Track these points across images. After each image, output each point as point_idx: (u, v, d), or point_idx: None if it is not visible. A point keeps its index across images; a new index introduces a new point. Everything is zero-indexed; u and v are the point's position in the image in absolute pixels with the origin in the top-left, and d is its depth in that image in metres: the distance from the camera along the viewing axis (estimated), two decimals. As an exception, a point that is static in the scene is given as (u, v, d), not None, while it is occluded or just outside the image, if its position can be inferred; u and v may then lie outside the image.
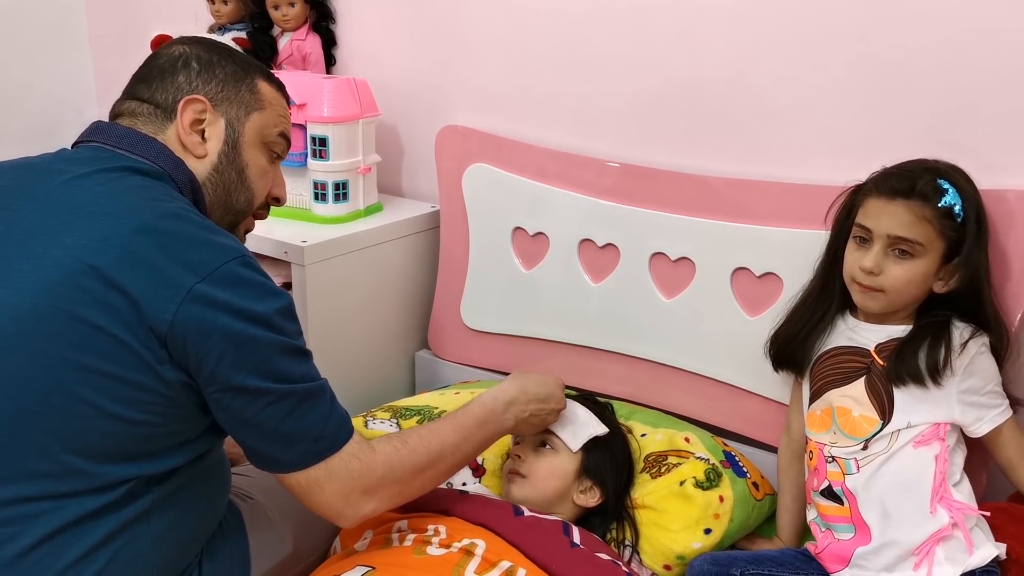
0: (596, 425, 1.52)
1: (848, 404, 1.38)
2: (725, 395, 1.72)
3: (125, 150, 1.15)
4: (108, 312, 1.01)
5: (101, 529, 1.05)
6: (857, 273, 1.35)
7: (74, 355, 1.01)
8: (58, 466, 1.03)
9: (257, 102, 1.24)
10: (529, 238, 1.90)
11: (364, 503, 1.16)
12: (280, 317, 1.09)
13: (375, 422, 1.67)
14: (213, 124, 1.21)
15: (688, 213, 1.70)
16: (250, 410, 1.07)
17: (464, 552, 1.24)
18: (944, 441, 1.33)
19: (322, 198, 1.94)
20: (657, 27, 1.74)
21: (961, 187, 1.32)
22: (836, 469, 1.38)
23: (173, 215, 1.08)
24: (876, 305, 1.36)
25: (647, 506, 1.49)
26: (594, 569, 1.26)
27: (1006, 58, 1.43)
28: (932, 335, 1.34)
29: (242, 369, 1.05)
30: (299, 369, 1.11)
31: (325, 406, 1.13)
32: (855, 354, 1.41)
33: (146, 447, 1.07)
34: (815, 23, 1.57)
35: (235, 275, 1.06)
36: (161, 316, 1.01)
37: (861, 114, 1.56)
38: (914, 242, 1.30)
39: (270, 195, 1.31)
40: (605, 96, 1.83)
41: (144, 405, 1.04)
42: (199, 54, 1.22)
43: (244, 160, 1.23)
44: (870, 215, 1.35)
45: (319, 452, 1.12)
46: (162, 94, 1.19)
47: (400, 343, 2.09)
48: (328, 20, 2.17)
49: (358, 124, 1.93)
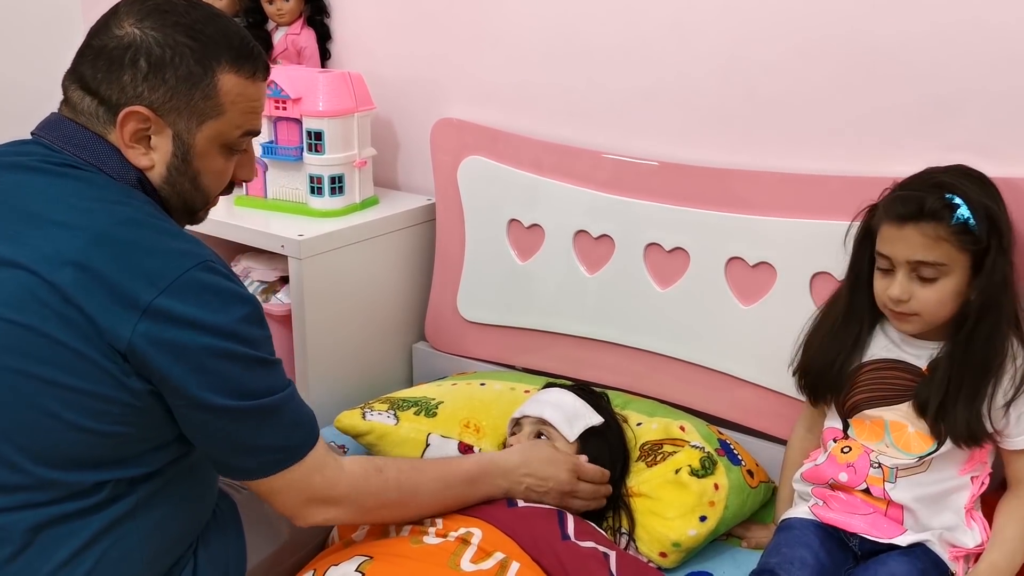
0: (591, 415, 1.54)
1: (903, 421, 1.34)
2: (720, 384, 1.73)
3: (72, 152, 1.09)
4: (69, 327, 0.99)
5: (87, 530, 1.04)
6: (886, 300, 1.32)
7: (39, 370, 1.00)
8: (31, 478, 1.02)
9: (214, 108, 1.11)
10: (524, 230, 1.91)
11: (319, 512, 1.17)
12: (246, 325, 1.06)
13: (373, 413, 1.68)
14: (159, 134, 1.10)
15: (682, 203, 1.70)
16: (213, 425, 1.06)
17: (460, 541, 1.25)
18: (987, 464, 1.33)
19: (318, 192, 1.95)
20: (650, 18, 1.74)
21: (971, 197, 1.27)
22: (878, 475, 1.35)
23: (129, 221, 1.04)
24: (913, 327, 1.33)
25: (643, 494, 1.51)
26: (582, 560, 1.27)
27: (999, 45, 1.43)
28: (982, 377, 1.28)
29: (204, 386, 1.03)
30: (264, 382, 1.09)
31: (288, 417, 1.12)
32: (905, 371, 1.36)
33: (120, 454, 1.06)
34: (807, 12, 1.58)
35: (197, 283, 1.03)
36: (119, 334, 0.99)
37: (854, 103, 1.57)
38: (935, 264, 1.26)
39: (235, 178, 1.22)
40: (599, 88, 1.84)
41: (113, 417, 1.03)
42: (150, 47, 1.07)
43: (196, 169, 1.14)
44: (886, 242, 1.31)
45: (279, 462, 1.11)
46: (106, 89, 1.08)
47: (397, 335, 2.10)
48: (323, 14, 2.17)
49: (353, 118, 1.94)
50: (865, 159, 1.57)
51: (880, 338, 1.40)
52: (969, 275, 1.28)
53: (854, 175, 1.55)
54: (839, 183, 1.55)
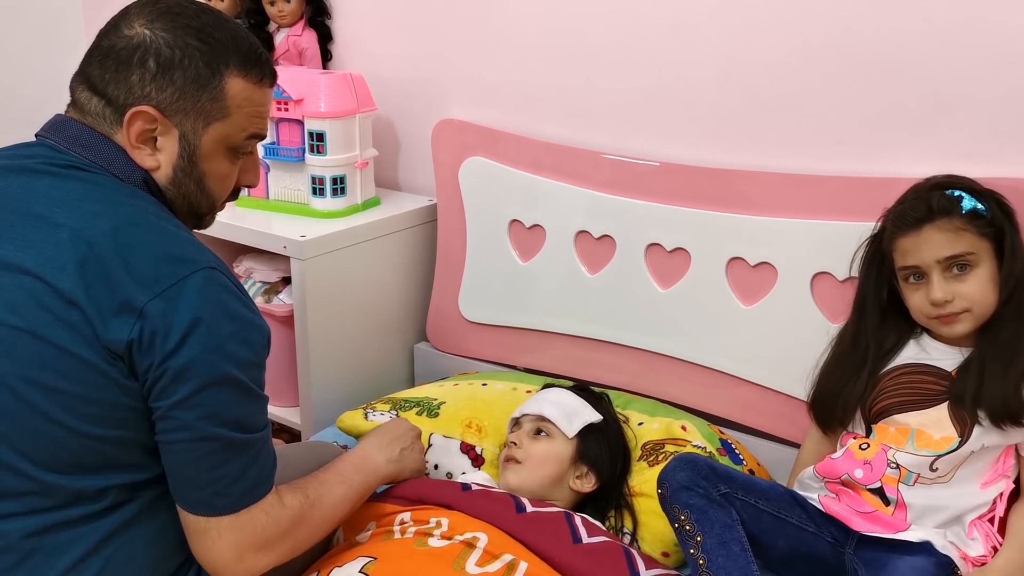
0: (591, 412, 1.55)
1: (929, 429, 1.32)
2: (721, 383, 1.74)
3: (78, 153, 1.09)
4: (71, 331, 0.99)
5: (91, 536, 1.04)
6: (931, 310, 1.31)
7: (40, 376, 1.00)
8: (36, 484, 1.02)
9: (220, 110, 1.11)
10: (526, 230, 1.92)
11: (258, 560, 1.10)
12: (242, 335, 1.05)
13: (375, 413, 1.69)
14: (166, 134, 1.10)
15: (683, 204, 1.71)
16: (168, 437, 1.04)
17: (466, 545, 1.25)
18: (1009, 477, 1.32)
19: (320, 193, 1.95)
20: (650, 19, 1.75)
21: (970, 187, 1.31)
22: (895, 475, 1.33)
23: (133, 223, 1.04)
24: (965, 326, 1.31)
25: (645, 494, 1.51)
26: (597, 559, 1.27)
27: (1000, 46, 1.44)
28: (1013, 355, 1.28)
29: (172, 395, 1.01)
30: (245, 409, 1.07)
31: (242, 464, 1.08)
32: (933, 375, 1.35)
33: (123, 458, 1.06)
34: (807, 14, 1.58)
35: (195, 289, 1.02)
36: (118, 336, 0.99)
37: (854, 103, 1.58)
38: (964, 254, 1.28)
39: (239, 183, 1.22)
40: (599, 88, 1.84)
41: (114, 421, 1.03)
42: (159, 48, 1.07)
43: (202, 170, 1.14)
44: (909, 253, 1.31)
45: (211, 506, 1.07)
46: (114, 89, 1.08)
47: (399, 335, 2.11)
48: (324, 15, 2.17)
49: (355, 119, 1.94)
50: (866, 159, 1.58)
51: (910, 347, 1.39)
52: (997, 261, 1.30)
53: (855, 175, 1.56)
54: (840, 183, 1.56)
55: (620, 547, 1.31)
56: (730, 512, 1.30)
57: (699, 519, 1.28)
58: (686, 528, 1.29)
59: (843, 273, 1.52)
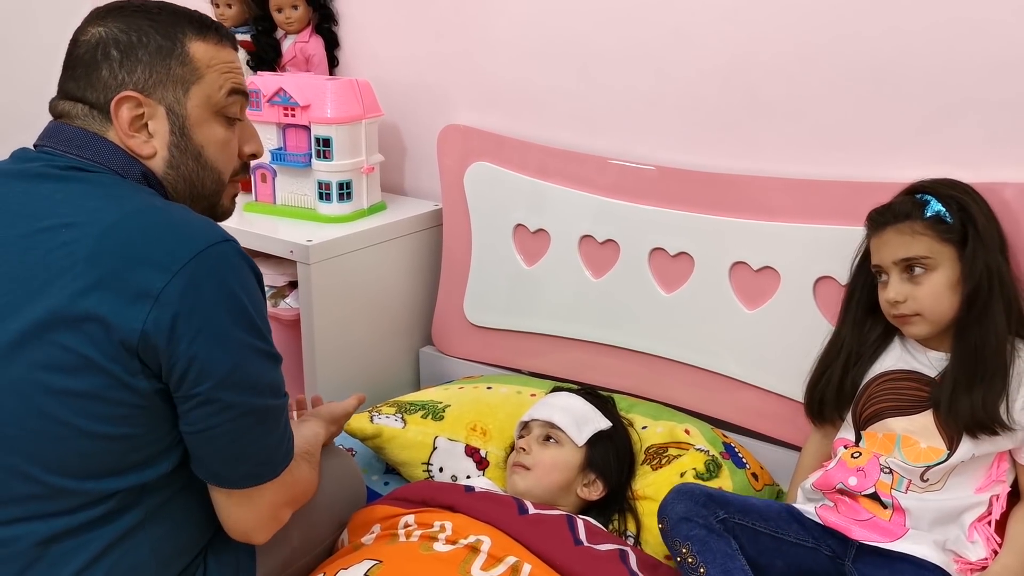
0: (600, 420, 1.55)
1: (915, 436, 1.34)
2: (724, 387, 1.74)
3: (76, 154, 1.10)
4: (75, 331, 0.99)
5: (98, 542, 1.04)
6: (888, 308, 1.35)
7: (46, 377, 1.00)
8: (43, 487, 1.02)
9: (193, 72, 1.13)
10: (530, 235, 1.93)
11: (286, 514, 1.17)
12: (253, 309, 1.06)
13: (380, 416, 1.70)
14: (154, 116, 1.11)
15: (686, 208, 1.72)
16: (210, 422, 1.05)
17: (470, 549, 1.26)
18: (1005, 482, 1.33)
19: (326, 198, 1.97)
20: (653, 24, 1.76)
21: (943, 194, 1.33)
22: (888, 480, 1.34)
23: (138, 211, 1.04)
24: (918, 329, 1.34)
25: (648, 497, 1.52)
26: (598, 564, 1.28)
27: (1001, 51, 1.44)
28: (978, 365, 1.29)
29: (209, 377, 1.02)
30: (273, 373, 1.09)
31: (279, 430, 1.12)
32: (917, 381, 1.37)
33: (131, 458, 1.06)
34: (808, 18, 1.59)
35: (209, 264, 1.02)
36: (131, 326, 0.98)
37: (855, 108, 1.58)
38: (918, 258, 1.31)
39: (242, 154, 1.22)
40: (603, 93, 1.85)
41: (121, 419, 1.02)
42: (116, 36, 1.10)
43: (198, 143, 1.15)
44: (874, 253, 1.37)
45: (259, 476, 1.11)
46: (92, 93, 1.10)
47: (404, 339, 2.12)
48: (331, 22, 2.19)
49: (361, 124, 1.96)
50: (867, 164, 1.58)
51: (896, 350, 1.41)
52: (959, 268, 1.31)
53: (856, 180, 1.56)
54: (842, 188, 1.57)
55: (621, 549, 1.32)
56: (730, 542, 1.32)
57: (701, 551, 1.29)
58: (688, 561, 1.30)
59: (845, 277, 1.52)
